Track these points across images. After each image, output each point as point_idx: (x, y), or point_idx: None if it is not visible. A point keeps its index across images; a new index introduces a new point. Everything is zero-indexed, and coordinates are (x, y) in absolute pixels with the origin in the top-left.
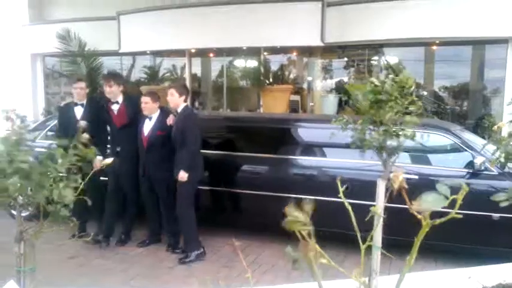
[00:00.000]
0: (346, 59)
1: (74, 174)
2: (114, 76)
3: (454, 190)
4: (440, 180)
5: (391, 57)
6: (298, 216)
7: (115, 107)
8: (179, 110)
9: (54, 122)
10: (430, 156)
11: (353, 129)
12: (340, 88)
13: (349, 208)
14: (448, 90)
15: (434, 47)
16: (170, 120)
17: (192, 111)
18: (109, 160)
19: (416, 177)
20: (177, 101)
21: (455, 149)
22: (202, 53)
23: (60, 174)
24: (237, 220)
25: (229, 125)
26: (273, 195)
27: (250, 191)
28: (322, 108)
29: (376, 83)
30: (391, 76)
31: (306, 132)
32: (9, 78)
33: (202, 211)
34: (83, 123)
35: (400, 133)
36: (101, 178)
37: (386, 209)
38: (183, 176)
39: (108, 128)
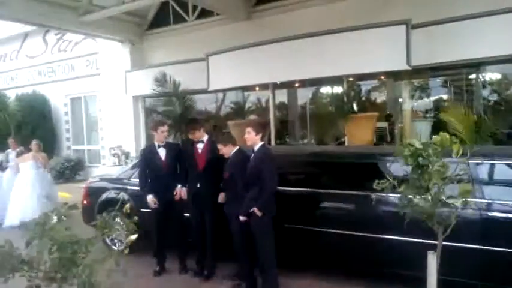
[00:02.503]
0: (438, 80)
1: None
2: (194, 122)
3: None
4: None
5: (492, 74)
6: None
7: (200, 146)
8: (255, 148)
9: None
10: None
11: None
12: (433, 110)
13: None
14: None
15: None
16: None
17: (269, 150)
18: (134, 236)
19: None
20: (253, 139)
21: None
22: (285, 85)
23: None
24: (328, 261)
25: (311, 161)
26: (361, 235)
27: (338, 230)
28: (413, 134)
29: (417, 145)
30: (436, 136)
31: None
32: (115, 118)
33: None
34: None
35: (450, 201)
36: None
37: None
38: (257, 212)
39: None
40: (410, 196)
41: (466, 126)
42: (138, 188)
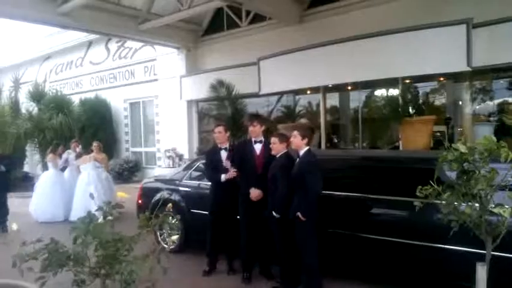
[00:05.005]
0: (501, 81)
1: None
2: (257, 116)
3: None
4: None
5: None
6: None
7: (257, 146)
8: (301, 153)
9: (199, 163)
10: None
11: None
12: (496, 113)
13: None
14: None
15: None
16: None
17: (314, 157)
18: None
19: None
20: (299, 143)
21: None
22: (337, 88)
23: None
24: (372, 270)
25: (358, 164)
26: (412, 244)
27: (385, 237)
28: (474, 138)
29: (462, 150)
30: (480, 139)
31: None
32: (170, 121)
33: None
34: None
35: (496, 210)
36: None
37: None
38: (300, 217)
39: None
40: (455, 203)
41: None
42: (189, 189)
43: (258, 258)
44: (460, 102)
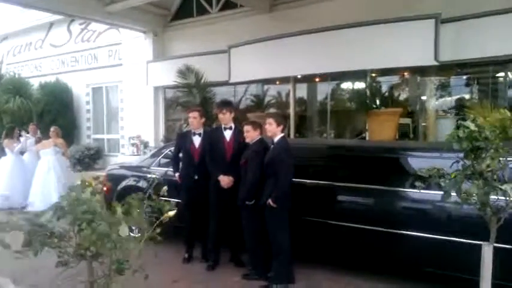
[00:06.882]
0: (465, 76)
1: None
2: (226, 104)
3: None
4: None
5: None
6: None
7: (228, 133)
8: (276, 139)
9: (168, 150)
10: None
11: (445, 181)
12: (458, 108)
13: None
14: None
15: None
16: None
17: (288, 144)
18: (172, 212)
19: None
20: (274, 130)
21: None
22: (307, 79)
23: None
24: (340, 255)
25: (331, 154)
26: (377, 230)
27: (353, 224)
28: (437, 132)
29: (472, 127)
30: (494, 114)
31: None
32: (135, 108)
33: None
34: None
35: (504, 187)
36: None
37: None
38: (271, 204)
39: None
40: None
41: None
42: (158, 175)
43: (229, 246)
44: (425, 97)
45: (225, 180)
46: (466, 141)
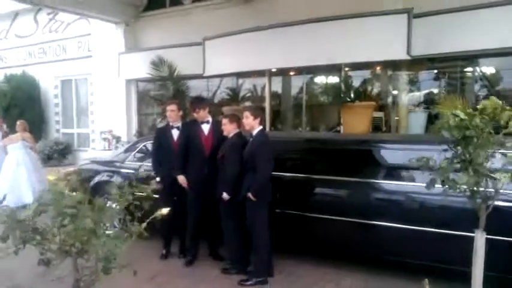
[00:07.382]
0: (435, 71)
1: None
2: (199, 102)
3: None
4: None
5: (487, 68)
6: None
7: (205, 127)
8: (254, 133)
9: (142, 144)
10: None
11: (434, 169)
12: (428, 102)
13: None
14: None
15: None
16: None
17: (267, 137)
18: (166, 210)
19: None
20: (252, 123)
21: None
22: (282, 72)
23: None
24: (318, 247)
25: (308, 147)
26: (353, 222)
27: (329, 216)
28: (409, 125)
29: (462, 116)
30: (479, 107)
31: (389, 155)
32: (106, 101)
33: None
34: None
35: (497, 176)
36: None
37: None
38: (251, 197)
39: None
40: (450, 173)
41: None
42: (132, 171)
43: (207, 240)
44: (397, 91)
45: (183, 181)
46: (457, 129)
